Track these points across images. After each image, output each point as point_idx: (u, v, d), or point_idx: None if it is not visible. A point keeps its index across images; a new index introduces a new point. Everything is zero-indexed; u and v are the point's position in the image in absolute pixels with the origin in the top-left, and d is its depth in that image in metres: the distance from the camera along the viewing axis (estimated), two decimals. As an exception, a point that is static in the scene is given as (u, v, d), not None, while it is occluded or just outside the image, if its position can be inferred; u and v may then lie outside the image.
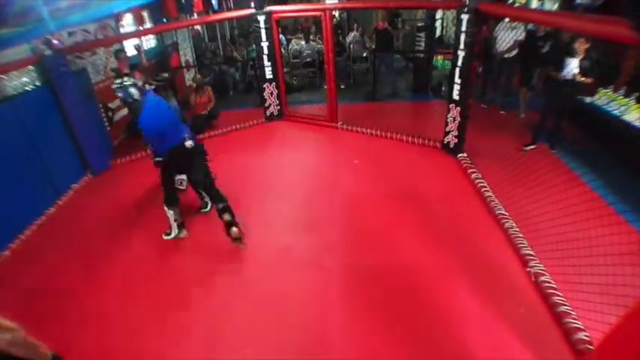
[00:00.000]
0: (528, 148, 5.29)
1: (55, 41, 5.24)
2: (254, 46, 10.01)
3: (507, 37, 6.11)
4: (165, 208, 4.05)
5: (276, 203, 4.69)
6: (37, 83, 5.40)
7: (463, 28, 4.61)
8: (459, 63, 4.81)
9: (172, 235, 4.18)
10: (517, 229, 3.72)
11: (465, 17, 4.55)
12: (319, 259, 3.69)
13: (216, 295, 3.39)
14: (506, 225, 3.82)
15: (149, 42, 8.73)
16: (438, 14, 8.43)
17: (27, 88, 5.24)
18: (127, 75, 5.79)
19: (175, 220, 4.13)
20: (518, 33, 6.07)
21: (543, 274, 3.14)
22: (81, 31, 6.47)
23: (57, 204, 5.16)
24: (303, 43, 9.64)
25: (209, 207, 4.56)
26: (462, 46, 4.72)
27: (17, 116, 4.74)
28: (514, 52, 6.24)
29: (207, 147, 4.51)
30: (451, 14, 9.64)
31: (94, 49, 6.78)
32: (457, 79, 4.92)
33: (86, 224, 4.71)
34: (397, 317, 3.02)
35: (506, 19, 6.23)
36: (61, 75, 5.34)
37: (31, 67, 5.29)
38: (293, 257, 3.77)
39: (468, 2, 4.50)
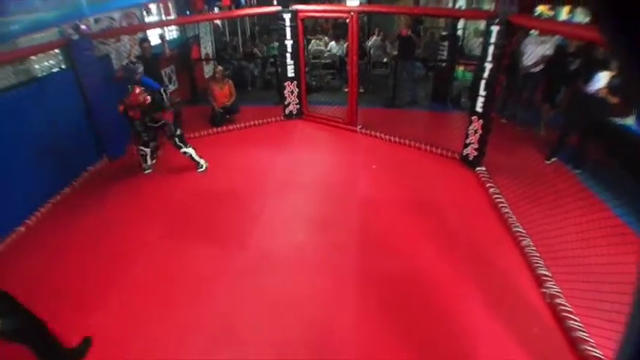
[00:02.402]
0: (551, 161, 5.26)
1: (83, 26, 5.30)
2: (275, 43, 10.11)
3: (535, 51, 5.99)
4: (184, 149, 5.16)
5: (291, 201, 4.69)
6: (63, 66, 5.47)
7: (492, 40, 4.53)
8: (485, 75, 4.74)
9: (204, 167, 5.35)
10: (534, 248, 3.64)
11: (494, 29, 4.47)
12: (333, 260, 3.69)
13: (228, 291, 3.38)
14: (523, 243, 3.75)
15: (171, 33, 8.76)
16: (460, 24, 8.35)
17: (53, 71, 5.31)
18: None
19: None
20: (547, 48, 5.95)
21: (559, 297, 3.08)
22: (107, 18, 6.52)
23: (72, 185, 5.18)
24: (332, 43, 9.64)
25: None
26: (489, 57, 4.64)
27: (42, 97, 4.79)
28: (540, 67, 6.13)
29: (225, 140, 4.56)
30: (473, 25, 9.56)
31: (118, 37, 6.83)
32: (482, 92, 4.84)
33: (100, 205, 4.73)
34: (408, 325, 3.00)
35: (535, 32, 6.13)
36: (86, 59, 5.40)
37: (56, 50, 5.35)
38: (307, 256, 3.77)
39: (499, 13, 4.44)
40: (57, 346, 2.57)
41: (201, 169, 5.40)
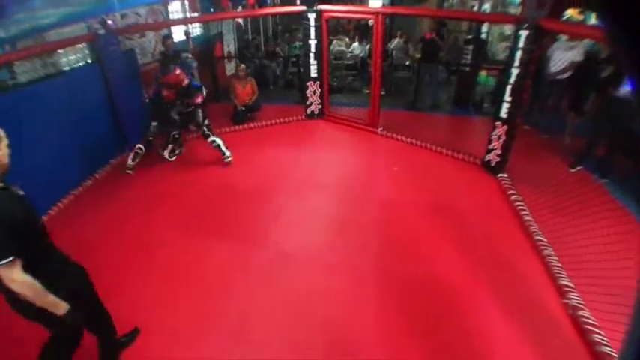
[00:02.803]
0: (575, 170, 5.16)
1: (109, 22, 5.41)
2: (297, 43, 10.14)
3: (563, 56, 5.84)
4: (212, 138, 5.40)
5: (311, 201, 4.70)
6: (88, 60, 5.59)
7: (520, 45, 4.44)
8: (512, 80, 4.65)
9: (230, 158, 5.48)
10: (555, 258, 3.56)
11: (523, 33, 4.39)
12: (352, 261, 3.68)
13: (247, 288, 3.39)
14: (544, 252, 3.67)
15: (195, 30, 8.88)
16: (484, 28, 8.23)
17: (80, 64, 5.44)
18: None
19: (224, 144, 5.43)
20: (576, 53, 5.78)
21: (582, 309, 3.00)
22: (133, 13, 6.65)
23: (94, 177, 5.29)
24: (354, 44, 9.61)
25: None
26: (516, 63, 4.56)
27: (68, 89, 4.90)
28: (567, 74, 5.97)
29: (246, 138, 4.54)
30: (497, 29, 9.42)
31: (143, 32, 6.96)
32: (507, 97, 4.75)
33: (120, 198, 4.81)
34: (427, 328, 2.98)
35: (564, 38, 5.99)
36: (112, 54, 5.50)
37: (82, 44, 5.48)
38: (325, 256, 3.77)
39: (528, 17, 4.36)
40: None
41: (228, 159, 5.52)
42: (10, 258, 1.79)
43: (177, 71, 5.07)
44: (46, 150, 4.53)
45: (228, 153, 5.50)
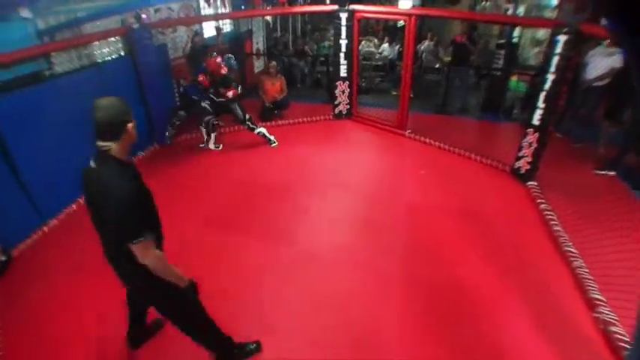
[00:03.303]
0: (602, 172, 5.05)
1: (143, 15, 5.53)
2: (325, 42, 10.15)
3: (601, 63, 5.64)
4: (257, 129, 5.82)
5: (337, 201, 4.70)
6: (121, 53, 5.73)
7: (558, 50, 4.33)
8: (546, 87, 4.54)
9: (276, 143, 5.95)
10: (586, 270, 3.46)
11: (562, 38, 4.27)
12: (376, 262, 3.67)
13: (273, 286, 3.41)
14: (575, 264, 3.57)
15: (225, 26, 9.00)
16: (516, 32, 8.05)
17: (111, 57, 5.61)
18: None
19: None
20: (616, 60, 5.52)
21: (614, 324, 2.90)
22: (166, 8, 6.78)
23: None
24: (384, 45, 9.55)
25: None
26: (552, 68, 4.44)
27: (101, 81, 4.99)
28: (605, 81, 5.77)
29: (274, 135, 4.54)
30: (530, 33, 9.19)
31: (175, 27, 7.09)
32: (541, 104, 4.64)
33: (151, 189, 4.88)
34: (450, 334, 2.95)
35: (604, 43, 5.79)
36: (145, 48, 5.60)
37: (115, 38, 5.63)
38: (351, 256, 3.76)
39: (567, 22, 4.24)
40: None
41: (274, 145, 6.00)
42: (145, 235, 1.82)
43: (219, 59, 5.33)
44: (79, 139, 4.63)
45: (273, 138, 5.90)
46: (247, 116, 5.75)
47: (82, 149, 4.58)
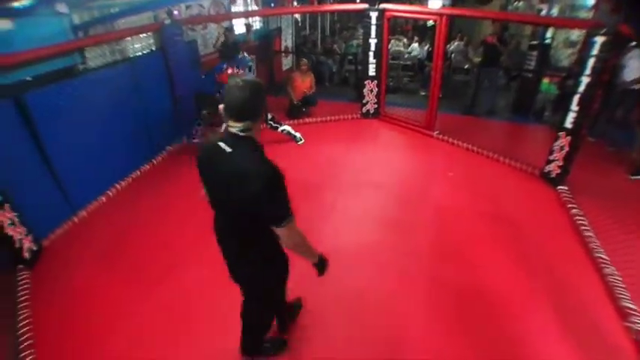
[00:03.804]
0: (636, 177, 4.97)
1: (175, 12, 5.66)
2: (354, 41, 10.17)
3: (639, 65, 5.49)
4: (280, 127, 5.91)
5: (363, 200, 4.70)
6: (153, 48, 5.85)
7: (594, 52, 4.21)
8: (581, 89, 4.43)
9: (302, 140, 6.02)
10: (618, 278, 3.38)
11: (598, 40, 4.16)
12: (401, 263, 3.66)
13: (298, 283, 3.39)
14: (606, 271, 3.49)
15: (255, 24, 9.13)
16: (548, 33, 7.86)
17: (143, 52, 5.75)
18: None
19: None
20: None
21: (648, 334, 2.85)
22: (197, 5, 6.92)
23: (152, 162, 5.53)
24: (414, 45, 9.51)
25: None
26: (587, 71, 4.33)
27: (133, 75, 5.14)
28: (643, 84, 5.59)
29: (301, 132, 4.54)
30: (562, 34, 8.96)
31: (206, 24, 7.23)
32: (574, 107, 4.53)
33: (176, 183, 4.99)
34: (479, 336, 2.93)
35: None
36: (175, 44, 5.72)
37: (147, 33, 5.75)
38: (377, 256, 3.76)
39: (606, 23, 4.14)
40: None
41: (301, 142, 6.07)
42: (293, 214, 1.84)
43: (230, 71, 5.40)
44: (111, 132, 4.78)
45: (298, 135, 5.99)
46: (269, 115, 5.81)
47: (112, 142, 4.83)
